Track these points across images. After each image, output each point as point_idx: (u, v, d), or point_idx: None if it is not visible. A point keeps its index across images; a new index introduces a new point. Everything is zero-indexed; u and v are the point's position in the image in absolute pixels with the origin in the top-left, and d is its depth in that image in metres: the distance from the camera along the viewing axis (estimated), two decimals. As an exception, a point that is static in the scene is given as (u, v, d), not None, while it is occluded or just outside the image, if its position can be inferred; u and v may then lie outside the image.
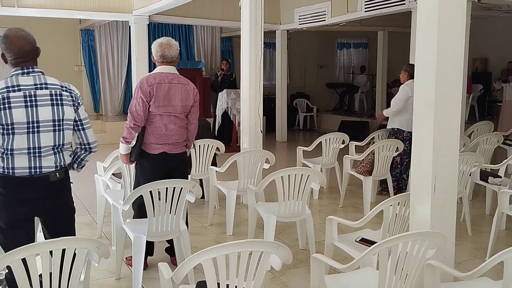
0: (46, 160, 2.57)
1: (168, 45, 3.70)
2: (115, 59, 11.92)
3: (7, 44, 2.55)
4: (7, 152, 2.50)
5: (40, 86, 2.54)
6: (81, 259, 2.20)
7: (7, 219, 2.56)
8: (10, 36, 2.56)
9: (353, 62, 15.21)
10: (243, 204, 5.61)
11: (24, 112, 2.48)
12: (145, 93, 3.58)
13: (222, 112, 9.34)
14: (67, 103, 2.60)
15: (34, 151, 2.53)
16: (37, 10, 8.47)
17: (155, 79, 3.63)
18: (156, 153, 3.69)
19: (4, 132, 2.47)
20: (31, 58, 2.59)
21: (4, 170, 2.52)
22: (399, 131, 5.93)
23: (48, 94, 2.55)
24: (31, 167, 2.54)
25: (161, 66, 3.73)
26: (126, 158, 3.74)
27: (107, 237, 4.62)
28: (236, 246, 2.13)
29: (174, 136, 3.72)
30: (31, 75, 2.55)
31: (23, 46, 2.55)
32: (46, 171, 2.58)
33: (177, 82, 3.70)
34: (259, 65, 5.86)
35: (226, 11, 10.03)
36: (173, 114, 3.69)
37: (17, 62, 2.55)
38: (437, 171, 2.85)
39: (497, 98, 11.70)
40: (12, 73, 2.55)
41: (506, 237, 4.63)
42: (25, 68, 2.55)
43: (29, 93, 2.50)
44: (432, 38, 2.79)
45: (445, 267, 2.48)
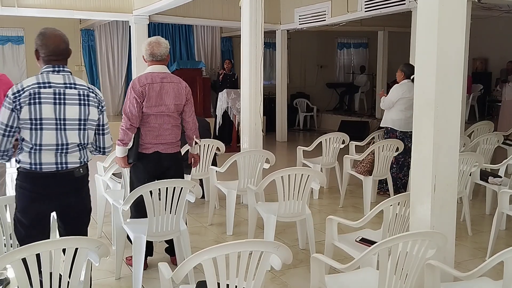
0: (71, 156, 2.66)
1: (157, 43, 3.69)
2: (115, 59, 11.93)
3: (44, 40, 2.63)
4: (35, 148, 2.56)
5: (69, 86, 2.63)
6: (81, 259, 2.20)
7: (33, 215, 2.64)
8: (47, 34, 2.65)
9: (353, 62, 15.21)
10: (243, 204, 5.61)
11: (52, 108, 2.56)
12: (138, 93, 3.58)
13: (222, 112, 9.34)
14: (93, 105, 2.70)
15: (62, 147, 2.61)
16: (37, 10, 8.47)
17: (147, 79, 3.63)
18: (149, 152, 3.68)
19: (33, 127, 2.54)
20: (63, 58, 2.67)
21: (31, 166, 2.58)
22: (392, 131, 5.95)
23: (77, 94, 2.64)
24: (57, 162, 2.61)
25: (152, 66, 3.71)
26: (123, 160, 3.70)
27: (107, 237, 4.62)
28: (236, 246, 2.13)
29: (168, 135, 3.71)
30: (61, 73, 2.63)
31: (59, 45, 2.65)
32: (71, 167, 2.66)
33: (168, 81, 3.69)
34: (259, 65, 5.86)
35: (226, 11, 10.03)
36: (166, 113, 3.68)
37: (49, 59, 2.62)
38: (437, 171, 2.85)
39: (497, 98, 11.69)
40: (42, 70, 2.63)
41: (506, 237, 4.63)
42: (56, 66, 2.63)
43: (58, 91, 2.59)
44: (432, 38, 2.79)
45: (445, 267, 2.48)
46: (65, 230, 2.77)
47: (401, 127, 5.86)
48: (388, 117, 5.99)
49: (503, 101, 9.97)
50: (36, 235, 2.53)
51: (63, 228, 2.79)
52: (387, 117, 6.01)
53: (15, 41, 10.82)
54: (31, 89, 2.52)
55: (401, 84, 5.89)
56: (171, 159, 3.77)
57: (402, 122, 5.85)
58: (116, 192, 4.48)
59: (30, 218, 2.64)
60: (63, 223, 2.78)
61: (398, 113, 5.86)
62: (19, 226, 2.68)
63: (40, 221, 2.68)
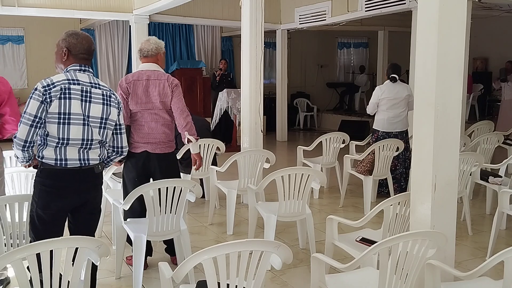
0: (92, 152, 2.75)
1: (147, 40, 3.79)
2: (115, 59, 11.93)
3: (79, 39, 2.75)
4: (62, 142, 2.63)
5: (94, 85, 2.75)
6: (81, 259, 2.20)
7: (54, 211, 2.70)
8: (80, 34, 2.80)
9: (354, 61, 15.21)
10: (244, 204, 5.61)
11: (79, 104, 2.66)
12: (123, 89, 3.66)
13: (222, 112, 9.34)
14: (114, 105, 2.83)
15: (86, 142, 2.70)
16: (37, 10, 8.47)
17: (133, 77, 3.70)
18: (138, 151, 3.68)
19: (61, 121, 2.61)
20: (90, 58, 2.82)
21: (57, 161, 2.65)
22: (375, 131, 5.96)
23: (101, 93, 2.76)
24: (80, 158, 2.70)
25: (142, 64, 3.78)
26: None
27: (108, 237, 4.62)
28: (236, 245, 2.13)
29: (157, 135, 3.70)
30: (86, 73, 2.75)
31: (90, 45, 2.80)
32: (92, 163, 2.76)
33: (154, 78, 3.69)
34: (260, 64, 5.86)
35: (226, 11, 10.03)
36: (153, 111, 3.68)
37: (82, 58, 2.75)
38: (438, 170, 2.85)
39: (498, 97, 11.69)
40: (69, 68, 2.72)
41: (506, 237, 4.63)
42: (82, 66, 2.74)
43: (85, 88, 2.70)
44: (432, 38, 2.79)
45: (446, 267, 2.48)
46: (77, 227, 2.83)
47: (384, 128, 5.85)
48: (375, 117, 6.00)
49: (503, 100, 9.98)
50: (54, 232, 2.59)
51: (75, 225, 2.84)
52: (375, 118, 6.02)
53: (15, 41, 10.82)
54: (62, 84, 2.61)
55: (382, 85, 5.90)
56: (161, 160, 3.72)
57: (385, 122, 5.84)
58: (116, 191, 4.47)
59: (52, 215, 2.70)
60: (76, 220, 2.83)
61: (381, 114, 5.86)
62: (38, 223, 2.71)
63: (60, 218, 2.76)
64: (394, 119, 5.82)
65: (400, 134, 5.84)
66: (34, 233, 2.73)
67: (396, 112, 5.80)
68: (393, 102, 5.76)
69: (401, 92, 5.77)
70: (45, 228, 2.69)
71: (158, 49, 3.75)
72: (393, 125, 5.83)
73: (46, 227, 2.69)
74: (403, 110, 5.82)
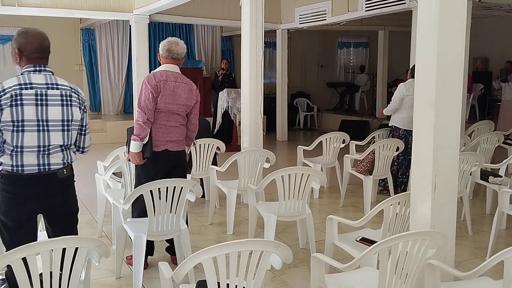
0: (54, 157, 2.62)
1: (176, 42, 3.80)
2: (115, 58, 11.92)
3: (28, 38, 2.59)
4: (17, 150, 2.52)
5: (51, 86, 2.58)
6: (81, 258, 2.20)
7: (16, 217, 2.58)
8: (30, 32, 2.62)
9: (354, 61, 15.20)
10: (244, 204, 5.61)
11: (34, 110, 2.52)
12: (154, 87, 3.62)
13: (222, 112, 9.34)
14: (76, 105, 2.66)
15: (43, 149, 2.56)
16: (37, 9, 8.47)
17: (162, 76, 3.68)
18: (159, 150, 3.70)
19: (14, 129, 2.49)
20: (46, 56, 2.64)
21: (13, 167, 2.54)
22: (395, 129, 5.97)
23: (59, 94, 2.60)
24: (39, 164, 2.57)
25: (166, 64, 3.77)
26: (139, 156, 3.63)
27: (108, 236, 4.62)
28: (236, 245, 2.13)
29: (176, 133, 3.77)
30: (42, 73, 2.59)
31: (43, 42, 2.61)
32: (54, 168, 2.62)
33: (181, 81, 3.76)
34: (260, 64, 5.86)
35: (226, 10, 10.03)
36: (176, 112, 3.74)
37: (35, 57, 2.58)
38: (438, 170, 2.85)
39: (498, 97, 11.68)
40: (23, 70, 2.57)
41: (506, 237, 4.63)
42: (37, 66, 2.58)
43: (40, 92, 2.54)
44: (432, 38, 2.79)
45: (446, 267, 2.48)
46: (52, 231, 2.72)
47: (404, 125, 5.86)
48: (395, 115, 6.00)
49: (503, 100, 9.97)
50: (22, 238, 2.44)
51: (50, 230, 2.74)
52: (393, 116, 6.03)
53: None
54: (12, 91, 2.47)
55: (406, 82, 5.90)
56: (179, 157, 3.83)
57: (406, 120, 5.84)
58: (116, 191, 4.47)
59: (14, 221, 2.58)
60: (49, 224, 2.74)
61: (403, 111, 5.87)
62: (3, 230, 2.62)
63: (24, 224, 2.60)
64: None
65: None
66: (2, 240, 2.65)
67: None
68: None
69: None
70: (10, 235, 2.59)
71: (184, 53, 3.83)
72: None
73: (10, 233, 2.59)
74: None
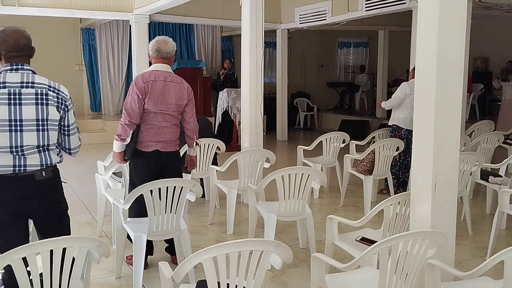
0: (30, 158, 2.53)
1: (165, 41, 3.73)
2: (115, 58, 11.92)
3: (3, 37, 2.54)
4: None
5: (26, 85, 2.51)
6: (81, 258, 2.20)
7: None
8: (6, 31, 2.57)
9: (354, 61, 15.20)
10: (244, 203, 5.61)
11: (7, 109, 2.45)
12: (140, 89, 3.57)
13: (222, 112, 9.34)
14: (52, 104, 2.56)
15: (16, 149, 2.49)
16: (37, 9, 8.48)
17: (150, 77, 3.63)
18: (150, 150, 3.67)
19: None
20: (25, 54, 2.57)
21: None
22: (398, 128, 5.96)
23: (34, 93, 2.51)
24: (15, 165, 2.49)
25: (156, 64, 3.73)
26: (119, 156, 3.67)
27: (108, 236, 4.62)
28: (236, 245, 2.13)
29: (168, 134, 3.71)
30: (19, 71, 2.53)
31: (19, 40, 2.55)
32: (31, 170, 2.53)
33: (171, 80, 3.69)
34: (260, 64, 5.86)
35: (226, 10, 10.04)
36: (167, 112, 3.68)
37: (10, 56, 2.53)
38: (438, 170, 2.85)
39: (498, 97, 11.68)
40: (1, 69, 2.53)
41: (506, 237, 4.63)
42: (14, 64, 2.53)
43: (13, 91, 2.47)
44: (432, 37, 2.79)
45: (446, 267, 2.48)
46: (40, 234, 2.66)
47: (406, 125, 5.85)
48: (395, 115, 6.00)
49: (503, 100, 9.97)
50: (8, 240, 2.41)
51: (38, 231, 2.69)
52: (394, 115, 6.03)
53: (15, 40, 10.83)
54: None
55: (409, 81, 5.89)
56: (170, 157, 3.77)
57: (408, 120, 5.83)
58: (117, 191, 4.48)
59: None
60: (37, 227, 2.68)
61: (405, 111, 5.86)
62: None
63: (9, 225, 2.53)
64: None
65: None
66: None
67: None
68: None
69: None
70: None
71: (173, 51, 3.78)
72: None
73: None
74: None
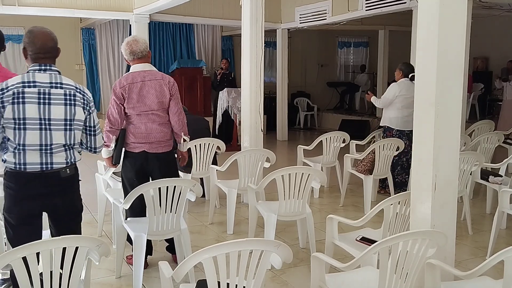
0: (57, 156, 2.62)
1: (135, 41, 3.67)
2: (115, 58, 11.92)
3: (31, 38, 2.60)
4: (19, 148, 2.54)
5: (55, 85, 2.59)
6: (81, 258, 2.20)
7: (18, 215, 2.61)
8: (34, 31, 2.62)
9: (354, 61, 15.19)
10: (244, 203, 5.61)
11: (36, 108, 2.53)
12: (117, 96, 3.58)
13: (222, 111, 9.34)
14: (79, 105, 2.66)
15: (46, 147, 2.57)
16: (37, 9, 8.47)
17: (127, 80, 3.60)
18: (137, 151, 3.67)
19: (16, 127, 2.51)
20: (51, 56, 2.63)
21: (16, 165, 2.56)
22: (388, 129, 5.94)
23: (62, 93, 2.60)
24: (42, 162, 2.58)
25: (133, 65, 3.69)
26: (108, 161, 3.78)
27: (108, 236, 4.63)
28: (236, 245, 2.13)
29: (155, 134, 3.67)
30: (47, 72, 2.59)
31: (46, 42, 2.61)
32: (57, 167, 2.62)
33: (150, 79, 3.63)
34: (260, 64, 5.86)
35: (226, 10, 10.03)
36: (150, 112, 3.64)
37: (37, 57, 2.59)
38: (438, 170, 2.85)
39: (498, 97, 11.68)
40: (29, 68, 2.59)
41: (506, 236, 4.63)
42: (42, 65, 2.59)
43: (43, 90, 2.55)
44: (432, 37, 2.79)
45: (446, 266, 2.48)
46: (55, 230, 2.74)
47: (398, 126, 5.85)
48: (386, 115, 5.99)
49: (504, 100, 9.96)
50: (25, 235, 2.49)
51: (53, 228, 2.76)
52: (385, 116, 6.02)
53: (15, 40, 10.81)
54: (15, 88, 2.49)
55: (399, 82, 5.89)
56: (159, 159, 3.71)
57: (399, 120, 5.83)
58: (117, 191, 4.47)
59: (16, 218, 2.61)
60: (52, 223, 2.76)
61: (395, 112, 5.85)
62: (8, 227, 2.66)
63: (26, 222, 2.62)
64: (408, 117, 5.80)
65: (411, 133, 5.84)
66: (6, 236, 2.69)
67: (409, 111, 5.78)
68: (409, 101, 5.75)
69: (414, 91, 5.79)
70: (14, 231, 2.63)
71: (147, 47, 3.72)
72: (407, 123, 5.82)
73: (14, 230, 2.63)
74: None
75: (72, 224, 2.78)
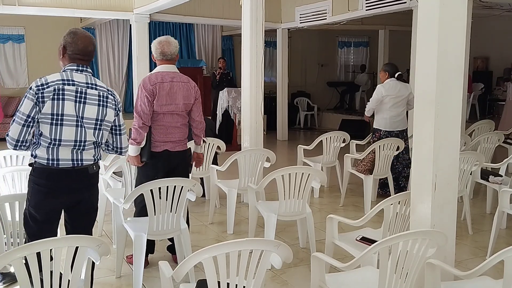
0: (87, 153, 2.73)
1: (167, 43, 3.73)
2: (115, 58, 11.94)
3: (75, 39, 2.71)
4: (54, 143, 2.61)
5: (91, 86, 2.71)
6: (82, 258, 2.20)
7: (47, 210, 2.69)
8: (79, 33, 2.75)
9: (354, 60, 15.19)
10: (244, 203, 5.61)
11: (73, 106, 2.63)
12: (149, 92, 3.61)
13: (223, 111, 9.34)
14: (111, 106, 2.79)
15: (79, 144, 2.68)
16: (38, 9, 8.47)
17: (157, 78, 3.66)
18: (159, 150, 3.71)
19: (53, 122, 2.59)
20: (88, 59, 2.76)
21: (49, 161, 2.63)
22: (376, 130, 5.92)
23: (97, 94, 2.72)
24: (73, 159, 2.68)
25: (161, 65, 3.75)
26: (137, 159, 3.71)
27: (108, 236, 4.63)
28: (236, 244, 2.13)
29: (176, 134, 3.75)
30: (84, 73, 2.71)
31: (87, 46, 2.73)
32: (86, 164, 2.73)
33: (178, 80, 3.73)
34: (260, 63, 5.86)
35: (227, 10, 10.03)
36: (175, 112, 3.72)
37: (75, 58, 2.70)
38: (438, 170, 2.85)
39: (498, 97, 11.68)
40: (66, 67, 2.70)
41: (506, 236, 4.63)
42: (80, 66, 2.71)
43: (81, 89, 2.66)
44: (433, 37, 2.79)
45: (446, 266, 2.48)
46: (73, 226, 2.82)
47: (386, 127, 5.83)
48: (376, 118, 5.97)
49: (507, 100, 9.92)
50: (48, 230, 2.64)
51: (71, 224, 2.84)
52: (376, 119, 5.99)
53: (15, 40, 10.82)
54: (55, 85, 2.58)
55: (384, 83, 5.87)
56: (180, 157, 3.81)
57: (387, 121, 5.82)
58: (117, 190, 4.47)
59: (44, 214, 2.69)
60: (72, 219, 2.83)
61: (384, 112, 5.83)
62: (31, 222, 2.71)
63: (52, 217, 2.74)
64: (396, 118, 5.82)
65: (401, 133, 5.85)
66: (27, 231, 2.74)
67: (398, 111, 5.81)
68: (396, 101, 5.76)
69: (402, 90, 5.79)
70: (38, 227, 2.69)
71: (177, 50, 3.80)
72: (395, 124, 5.83)
73: (38, 225, 2.69)
74: (403, 109, 5.86)
75: (88, 222, 2.90)
